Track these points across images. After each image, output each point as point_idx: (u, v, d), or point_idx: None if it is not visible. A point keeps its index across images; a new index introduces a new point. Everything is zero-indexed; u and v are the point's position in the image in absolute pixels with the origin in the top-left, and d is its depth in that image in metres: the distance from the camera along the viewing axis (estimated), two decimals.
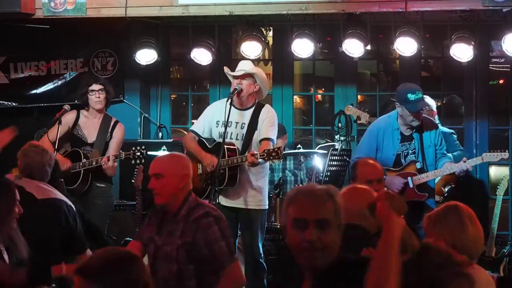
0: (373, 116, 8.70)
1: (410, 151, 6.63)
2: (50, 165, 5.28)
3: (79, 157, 6.90)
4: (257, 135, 6.41)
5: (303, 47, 7.86)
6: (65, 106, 6.96)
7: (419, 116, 6.53)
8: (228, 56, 8.89)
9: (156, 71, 9.00)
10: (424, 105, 6.65)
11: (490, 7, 6.97)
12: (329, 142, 8.73)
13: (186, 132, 7.42)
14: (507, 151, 6.63)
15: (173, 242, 4.37)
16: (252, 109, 6.48)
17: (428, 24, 7.97)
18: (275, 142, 6.42)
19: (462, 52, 7.56)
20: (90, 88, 7.00)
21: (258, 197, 6.42)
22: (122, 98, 8.88)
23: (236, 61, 6.89)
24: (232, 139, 6.43)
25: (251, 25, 7.93)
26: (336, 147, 7.93)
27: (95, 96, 7.00)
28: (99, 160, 6.78)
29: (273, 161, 7.00)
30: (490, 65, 8.73)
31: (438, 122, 7.37)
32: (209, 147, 6.56)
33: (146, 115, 9.04)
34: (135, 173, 7.17)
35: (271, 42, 8.95)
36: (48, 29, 8.48)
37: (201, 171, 6.50)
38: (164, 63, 9.01)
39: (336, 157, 7.75)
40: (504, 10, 7.12)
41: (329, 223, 2.94)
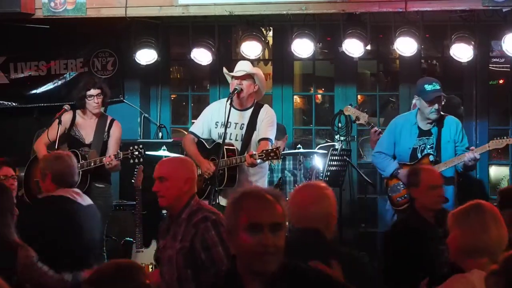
0: (372, 116, 8.73)
1: (428, 146, 6.73)
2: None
3: (77, 158, 6.88)
4: (256, 136, 6.41)
5: (303, 47, 7.86)
6: (65, 106, 6.95)
7: (434, 104, 6.60)
8: (228, 56, 8.89)
9: (156, 71, 9.00)
10: (440, 95, 6.66)
11: (490, 7, 6.97)
12: (329, 142, 8.74)
13: (186, 132, 7.41)
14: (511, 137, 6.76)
15: (174, 246, 4.38)
16: (251, 110, 6.48)
17: (428, 24, 7.97)
18: (274, 142, 6.42)
19: (462, 52, 7.56)
20: (88, 93, 6.95)
21: None
22: (122, 98, 8.88)
23: (236, 61, 6.88)
24: (232, 140, 6.43)
25: (251, 25, 7.93)
26: (336, 147, 7.94)
27: (94, 102, 6.96)
28: (97, 161, 6.77)
29: (272, 161, 7.02)
30: (490, 65, 8.73)
31: None
32: (208, 148, 6.56)
33: (146, 115, 9.04)
34: (135, 173, 7.17)
35: (271, 42, 8.95)
36: (48, 29, 8.48)
37: (200, 172, 6.50)
38: (164, 63, 9.01)
39: (336, 157, 7.76)
40: (504, 10, 7.12)
41: (281, 227, 2.92)
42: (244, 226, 2.89)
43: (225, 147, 6.29)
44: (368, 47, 7.73)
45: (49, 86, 8.86)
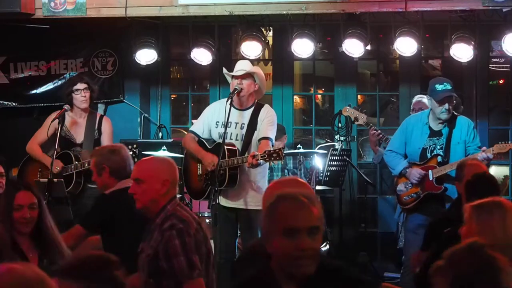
0: (372, 116, 8.73)
1: (438, 146, 6.74)
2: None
3: (70, 159, 6.86)
4: (257, 135, 6.41)
5: (303, 47, 7.86)
6: (65, 106, 6.94)
7: (444, 104, 6.59)
8: (228, 56, 8.89)
9: (156, 71, 9.00)
10: (450, 95, 6.65)
11: (490, 7, 6.98)
12: (329, 142, 8.74)
13: (186, 132, 7.41)
14: None
15: (146, 251, 4.23)
16: (252, 109, 6.48)
17: (428, 24, 7.97)
18: (274, 142, 6.41)
19: (462, 52, 7.56)
20: (75, 88, 6.93)
21: (258, 197, 6.40)
22: (122, 98, 8.88)
23: (236, 61, 6.88)
24: (232, 140, 6.43)
25: (251, 25, 7.93)
26: (336, 147, 7.94)
27: (81, 95, 6.93)
28: (91, 162, 6.74)
29: (274, 162, 7.01)
30: (490, 65, 8.73)
31: None
32: (209, 148, 6.56)
33: (146, 115, 9.04)
34: None
35: (271, 42, 8.95)
36: (48, 29, 8.48)
37: (201, 172, 6.50)
38: (164, 63, 9.01)
39: (336, 157, 7.76)
40: (504, 10, 7.12)
41: (318, 230, 2.91)
42: (281, 230, 2.87)
43: (226, 147, 6.28)
44: (368, 47, 7.72)
45: (49, 86, 8.86)
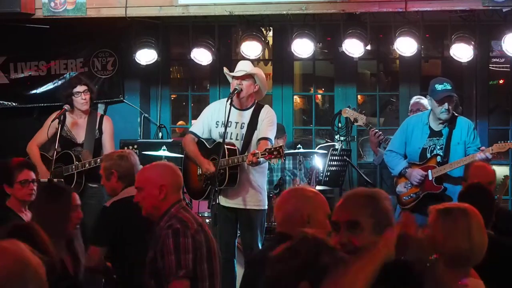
0: (372, 116, 8.72)
1: (438, 147, 6.75)
2: None
3: (71, 159, 6.87)
4: (257, 135, 6.41)
5: (303, 47, 7.86)
6: (65, 106, 6.94)
7: (444, 103, 6.60)
8: (228, 56, 8.89)
9: (156, 71, 9.00)
10: (449, 94, 6.66)
11: (490, 7, 6.98)
12: (329, 142, 8.73)
13: (185, 131, 7.41)
14: None
15: (150, 254, 4.27)
16: (252, 109, 6.48)
17: (428, 24, 7.97)
18: (273, 142, 6.41)
19: (462, 52, 7.56)
20: (75, 90, 6.94)
21: (258, 197, 6.42)
22: (122, 98, 8.88)
23: (236, 61, 6.88)
24: (232, 139, 6.43)
25: (251, 25, 7.93)
26: (336, 147, 7.93)
27: (81, 98, 6.95)
28: (92, 162, 6.75)
29: (273, 162, 7.00)
30: (490, 65, 8.73)
31: None
32: (209, 147, 6.56)
33: (146, 115, 9.03)
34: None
35: (271, 42, 8.95)
36: (48, 29, 8.48)
37: (201, 172, 6.50)
38: (164, 63, 9.01)
39: (336, 157, 7.75)
40: (504, 10, 7.12)
41: (360, 225, 2.90)
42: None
43: (226, 147, 6.29)
44: (368, 47, 7.72)
45: (49, 86, 8.86)
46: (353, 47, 7.66)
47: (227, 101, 6.29)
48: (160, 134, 8.98)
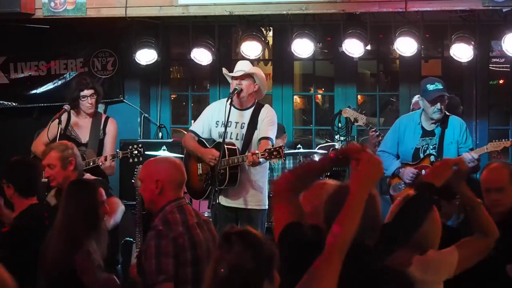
0: (372, 116, 8.72)
1: (431, 146, 6.76)
2: None
3: None
4: (257, 135, 6.41)
5: (303, 47, 7.86)
6: (65, 106, 6.93)
7: (436, 103, 6.63)
8: (228, 56, 8.89)
9: (156, 71, 9.00)
10: (441, 94, 6.67)
11: (490, 7, 6.98)
12: (329, 142, 8.73)
13: (186, 132, 7.41)
14: (510, 139, 6.82)
15: (139, 251, 4.31)
16: (252, 109, 6.48)
17: (428, 24, 7.97)
18: (274, 142, 6.42)
19: (462, 52, 7.56)
20: (82, 94, 6.94)
21: (258, 197, 6.42)
22: (122, 98, 8.88)
23: (236, 61, 6.88)
24: (232, 139, 6.43)
25: (251, 25, 7.93)
26: (336, 147, 7.94)
27: (87, 102, 6.96)
28: (96, 161, 6.77)
29: (274, 161, 6.99)
30: (490, 65, 8.73)
31: None
32: (209, 147, 6.56)
33: (146, 115, 9.04)
34: (135, 173, 7.16)
35: (271, 42, 8.95)
36: (48, 29, 8.48)
37: (201, 171, 6.50)
38: (164, 63, 9.01)
39: None
40: (504, 10, 7.12)
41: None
42: None
43: (226, 147, 6.29)
44: (368, 47, 7.72)
45: (49, 86, 8.86)
46: (353, 47, 7.66)
47: (227, 101, 6.30)
48: (160, 134, 8.98)
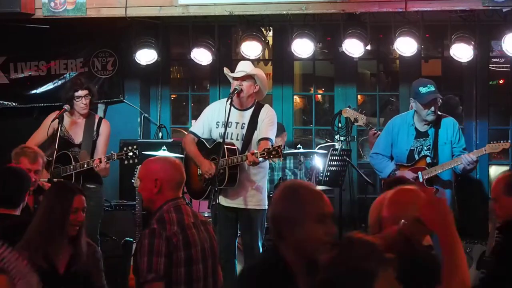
0: (372, 116, 8.72)
1: (425, 147, 6.74)
2: None
3: (68, 160, 6.86)
4: (257, 135, 6.41)
5: (303, 47, 7.86)
6: (65, 106, 6.93)
7: (430, 107, 6.61)
8: (228, 56, 8.89)
9: (156, 71, 9.00)
10: (435, 97, 6.67)
11: (490, 7, 6.98)
12: (329, 142, 8.73)
13: (186, 132, 7.42)
14: (508, 141, 6.76)
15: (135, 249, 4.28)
16: (252, 109, 6.48)
17: (428, 24, 7.97)
18: (274, 142, 6.42)
19: (462, 52, 7.56)
20: (76, 95, 6.92)
21: (258, 197, 6.42)
22: (122, 98, 8.88)
23: (236, 61, 6.89)
24: (232, 139, 6.43)
25: (251, 25, 7.93)
26: (336, 147, 7.93)
27: (82, 103, 6.93)
28: (90, 162, 6.75)
29: (273, 160, 7.00)
30: (490, 65, 8.73)
31: None
32: (209, 147, 6.56)
33: (146, 115, 9.04)
34: (135, 173, 7.16)
35: (271, 42, 8.95)
36: (48, 29, 8.48)
37: (201, 172, 6.50)
38: (164, 63, 9.01)
39: (336, 157, 7.75)
40: (504, 10, 7.12)
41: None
42: (314, 217, 3.05)
43: (226, 147, 6.29)
44: (368, 47, 7.72)
45: (49, 86, 8.86)
46: (353, 47, 7.66)
47: (227, 101, 6.30)
48: (160, 134, 8.98)
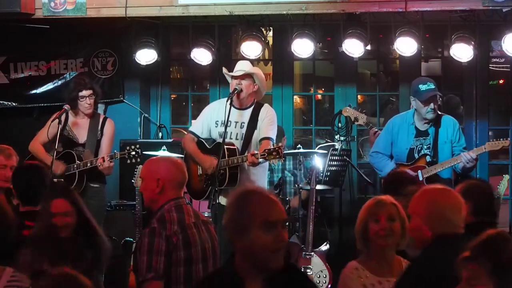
0: (372, 116, 8.72)
1: (425, 146, 6.76)
2: None
3: (72, 159, 6.87)
4: (257, 134, 6.42)
5: (303, 47, 7.85)
6: (65, 106, 6.94)
7: (430, 104, 6.63)
8: (228, 56, 8.89)
9: (156, 71, 8.99)
10: (434, 94, 6.68)
11: (490, 7, 6.98)
12: (329, 142, 8.73)
13: (186, 132, 7.42)
14: (508, 139, 6.78)
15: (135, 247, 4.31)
16: (251, 109, 6.49)
17: (428, 24, 7.97)
18: (275, 141, 6.42)
19: (462, 52, 7.56)
20: (81, 95, 6.95)
21: None
22: (122, 98, 8.88)
23: (236, 61, 6.89)
24: (232, 139, 6.44)
25: (251, 25, 7.93)
26: (336, 147, 7.93)
27: (86, 103, 6.96)
28: (94, 161, 6.76)
29: (273, 162, 6.99)
30: (490, 65, 8.73)
31: None
32: (209, 148, 6.56)
33: (146, 115, 9.03)
34: (135, 173, 7.17)
35: (271, 42, 8.95)
36: (48, 29, 8.48)
37: (201, 172, 6.50)
38: (164, 63, 9.01)
39: (336, 157, 7.75)
40: (504, 10, 7.12)
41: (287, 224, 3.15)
42: (260, 224, 2.96)
43: (226, 147, 6.29)
44: (368, 47, 7.71)
45: (49, 86, 8.86)
46: (353, 47, 7.66)
47: (227, 101, 6.30)
48: (160, 134, 8.98)
